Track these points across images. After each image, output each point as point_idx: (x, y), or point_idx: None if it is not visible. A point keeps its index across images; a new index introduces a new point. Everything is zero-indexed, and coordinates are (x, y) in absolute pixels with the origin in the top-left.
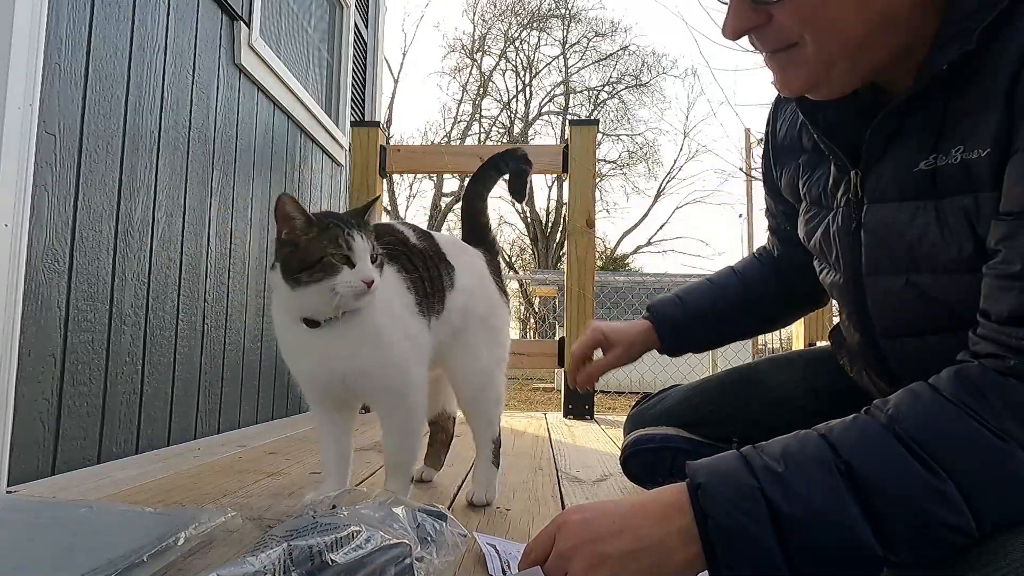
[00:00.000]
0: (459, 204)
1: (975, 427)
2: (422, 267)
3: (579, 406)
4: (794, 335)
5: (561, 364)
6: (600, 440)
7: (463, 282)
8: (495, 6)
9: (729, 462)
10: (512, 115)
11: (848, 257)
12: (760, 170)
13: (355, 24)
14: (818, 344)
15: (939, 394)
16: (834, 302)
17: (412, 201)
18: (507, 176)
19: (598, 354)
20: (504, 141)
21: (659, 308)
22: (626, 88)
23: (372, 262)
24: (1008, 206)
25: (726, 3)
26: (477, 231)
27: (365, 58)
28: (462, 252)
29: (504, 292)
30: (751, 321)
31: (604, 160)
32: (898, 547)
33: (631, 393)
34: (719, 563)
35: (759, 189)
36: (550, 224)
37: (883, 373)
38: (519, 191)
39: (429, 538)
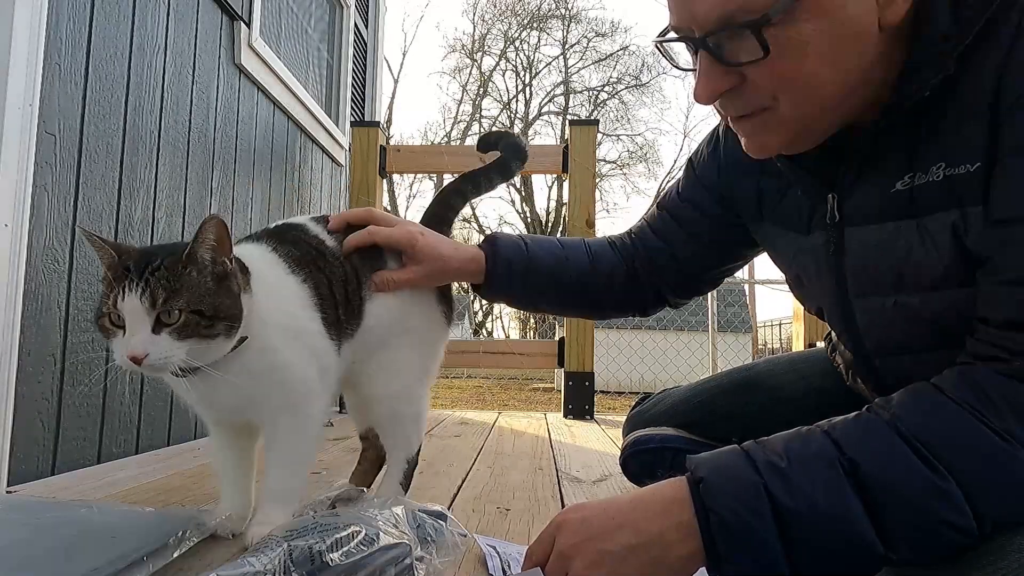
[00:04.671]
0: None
1: (978, 427)
2: (338, 278)
3: (579, 406)
4: (794, 335)
5: (561, 364)
6: (600, 440)
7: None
8: (495, 6)
9: (731, 457)
10: (512, 115)
11: (832, 280)
12: (695, 162)
13: (355, 24)
14: (818, 344)
15: (942, 394)
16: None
17: (412, 201)
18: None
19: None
20: None
21: (503, 249)
22: (626, 88)
23: (166, 325)
24: (999, 214)
25: (691, 70)
26: (442, 231)
27: (365, 58)
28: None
29: (449, 301)
30: (580, 301)
31: (604, 160)
32: (899, 545)
33: (631, 393)
34: (719, 558)
35: None
36: (550, 224)
37: (880, 388)
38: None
39: (429, 538)
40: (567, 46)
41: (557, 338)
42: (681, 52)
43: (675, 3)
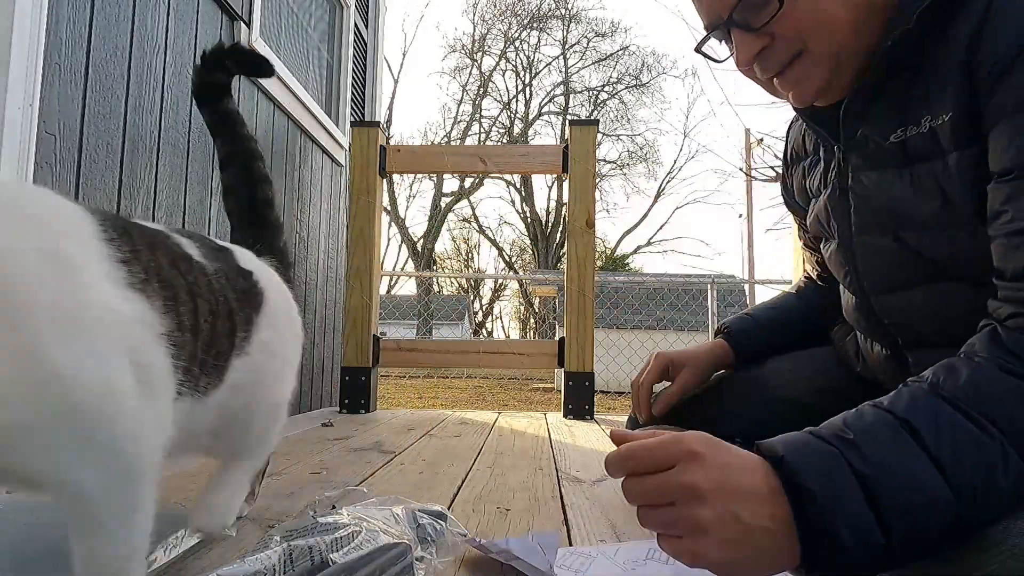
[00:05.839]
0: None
1: (1014, 382)
2: (210, 320)
3: (579, 406)
4: None
5: (561, 364)
6: (600, 440)
7: (264, 334)
8: (495, 6)
9: (797, 436)
10: (512, 115)
11: (839, 221)
12: (781, 191)
13: (355, 24)
14: None
15: (973, 359)
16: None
17: (412, 201)
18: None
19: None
20: (504, 141)
21: (733, 323)
22: (626, 88)
23: None
24: (1005, 166)
25: (719, 60)
26: (267, 232)
27: (365, 58)
28: (268, 279)
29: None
30: (810, 333)
31: (604, 160)
32: (967, 498)
33: (631, 393)
34: (817, 533)
35: (759, 189)
36: (550, 224)
37: (883, 334)
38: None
39: (429, 538)
40: (567, 46)
41: (557, 338)
42: (717, 48)
43: (703, 4)
